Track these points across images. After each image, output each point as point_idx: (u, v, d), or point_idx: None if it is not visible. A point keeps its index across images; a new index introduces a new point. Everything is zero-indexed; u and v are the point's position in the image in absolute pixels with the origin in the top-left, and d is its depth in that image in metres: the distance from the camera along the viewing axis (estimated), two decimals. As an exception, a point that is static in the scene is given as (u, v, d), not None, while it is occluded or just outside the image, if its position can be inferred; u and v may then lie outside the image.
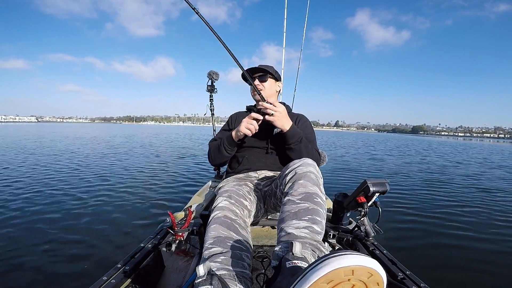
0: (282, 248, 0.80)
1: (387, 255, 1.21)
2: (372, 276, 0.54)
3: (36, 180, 4.92)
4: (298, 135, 1.22)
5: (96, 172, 5.85)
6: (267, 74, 1.39)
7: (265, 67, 1.41)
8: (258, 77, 1.40)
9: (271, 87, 1.42)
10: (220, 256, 0.81)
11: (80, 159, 7.83)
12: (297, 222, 0.85)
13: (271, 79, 1.40)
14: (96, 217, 3.08)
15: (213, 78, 2.09)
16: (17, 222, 2.87)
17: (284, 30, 3.07)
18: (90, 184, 4.65)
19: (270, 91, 1.41)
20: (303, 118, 1.46)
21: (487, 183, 5.81)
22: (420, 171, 7.10)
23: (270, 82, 1.41)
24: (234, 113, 1.58)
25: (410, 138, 58.02)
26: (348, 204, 1.37)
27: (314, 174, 0.97)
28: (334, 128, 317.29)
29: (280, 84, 1.48)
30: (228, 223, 0.93)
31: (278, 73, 1.47)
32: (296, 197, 0.91)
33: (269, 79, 1.40)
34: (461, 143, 37.63)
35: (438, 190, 4.86)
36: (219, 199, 1.03)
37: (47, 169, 6.10)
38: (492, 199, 4.39)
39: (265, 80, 1.39)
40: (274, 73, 1.42)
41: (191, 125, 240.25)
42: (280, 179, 1.07)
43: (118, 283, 0.97)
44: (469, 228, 3.03)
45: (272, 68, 1.44)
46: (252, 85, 1.38)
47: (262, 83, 1.39)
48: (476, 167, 8.41)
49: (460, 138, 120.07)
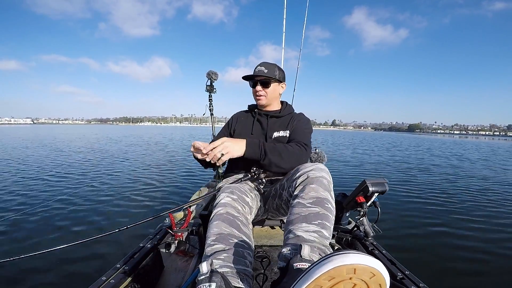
0: (290, 250, 0.79)
1: (386, 255, 1.22)
2: (375, 277, 0.54)
3: (36, 179, 4.90)
4: (258, 152, 1.11)
5: (96, 172, 5.83)
6: (270, 79, 1.34)
7: (268, 66, 1.35)
8: (261, 83, 1.34)
9: (274, 91, 1.37)
10: (222, 253, 0.81)
11: (79, 159, 7.79)
12: (307, 226, 0.85)
13: (274, 82, 1.37)
14: (95, 217, 3.07)
15: (212, 78, 2.08)
16: (17, 222, 2.86)
17: (284, 30, 3.07)
18: (89, 184, 4.63)
19: (272, 95, 1.37)
20: (298, 117, 1.41)
21: (487, 182, 5.84)
22: (420, 171, 7.13)
23: (273, 87, 1.36)
24: (235, 113, 1.55)
25: (406, 136, 58.33)
26: (347, 204, 1.38)
27: (327, 180, 0.96)
28: (331, 127, 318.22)
29: (283, 85, 1.43)
30: (230, 220, 0.92)
31: (282, 73, 1.40)
32: (307, 201, 0.90)
33: (272, 84, 1.35)
34: (458, 141, 37.92)
35: (438, 190, 4.88)
36: (222, 195, 1.02)
37: (47, 168, 6.07)
38: (492, 199, 4.41)
39: (267, 86, 1.34)
40: (277, 75, 1.36)
41: (188, 125, 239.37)
42: (289, 181, 1.05)
43: (117, 283, 0.97)
44: (469, 228, 3.05)
45: (275, 68, 1.37)
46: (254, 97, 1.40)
47: (265, 89, 1.35)
48: (475, 166, 8.46)
49: (456, 136, 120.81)
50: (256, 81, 1.35)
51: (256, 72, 1.34)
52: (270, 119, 1.39)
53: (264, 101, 1.37)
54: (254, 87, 1.36)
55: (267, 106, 1.41)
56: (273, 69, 1.35)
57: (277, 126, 1.37)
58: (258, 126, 1.40)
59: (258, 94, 1.36)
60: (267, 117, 1.39)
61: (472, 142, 35.06)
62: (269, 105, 1.41)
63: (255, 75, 1.34)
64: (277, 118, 1.40)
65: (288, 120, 1.39)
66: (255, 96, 1.39)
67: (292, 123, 1.36)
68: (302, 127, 1.35)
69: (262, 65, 1.35)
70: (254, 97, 1.41)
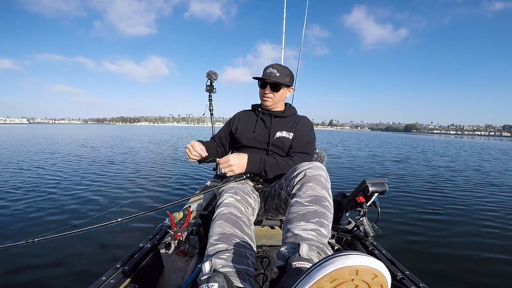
0: (288, 248, 0.80)
1: (386, 255, 1.22)
2: (377, 278, 0.54)
3: (35, 179, 4.87)
4: (257, 169, 1.16)
5: (95, 172, 5.80)
6: (281, 84, 1.33)
7: (280, 69, 1.33)
8: (270, 85, 1.33)
9: (282, 95, 1.37)
10: (225, 253, 0.81)
11: (78, 159, 7.75)
12: (305, 224, 0.85)
13: (284, 87, 1.35)
14: (95, 217, 3.05)
15: (212, 78, 2.06)
16: (16, 222, 2.84)
17: (284, 30, 3.05)
18: (89, 184, 4.61)
19: (279, 99, 1.37)
20: (303, 120, 1.41)
21: (486, 182, 5.85)
22: (419, 171, 7.15)
23: (282, 91, 1.36)
24: (238, 112, 1.54)
25: (403, 136, 58.62)
26: (347, 204, 1.38)
27: (324, 178, 0.97)
28: (328, 127, 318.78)
29: (291, 89, 1.42)
30: (233, 220, 0.92)
31: (292, 77, 1.41)
32: (305, 199, 0.91)
33: (282, 89, 1.35)
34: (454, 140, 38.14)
35: (438, 190, 4.89)
36: (225, 195, 1.02)
37: (46, 168, 6.04)
38: (492, 198, 4.43)
39: (277, 90, 1.34)
40: (288, 81, 1.35)
41: (185, 125, 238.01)
42: (287, 180, 1.06)
43: (117, 283, 0.97)
44: (469, 228, 3.05)
45: (287, 73, 1.36)
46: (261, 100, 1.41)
47: (273, 93, 1.34)
48: (474, 166, 8.49)
49: (452, 136, 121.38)
50: (265, 83, 1.34)
51: (268, 73, 1.32)
52: (274, 118, 1.38)
53: (270, 103, 1.37)
54: (263, 88, 1.35)
55: (272, 107, 1.41)
56: (285, 74, 1.34)
57: (280, 126, 1.36)
58: (262, 124, 1.38)
59: (266, 96, 1.35)
60: (270, 117, 1.38)
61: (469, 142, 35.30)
62: (275, 107, 1.41)
63: (266, 78, 1.32)
64: (281, 118, 1.39)
65: (292, 121, 1.38)
66: (262, 97, 1.37)
67: (296, 126, 1.35)
68: (306, 133, 1.35)
69: (274, 67, 1.33)
70: (260, 97, 1.39)
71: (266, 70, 1.33)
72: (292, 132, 1.34)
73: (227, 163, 1.10)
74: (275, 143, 1.32)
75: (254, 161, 1.16)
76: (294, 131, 1.34)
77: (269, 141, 1.31)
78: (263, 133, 1.35)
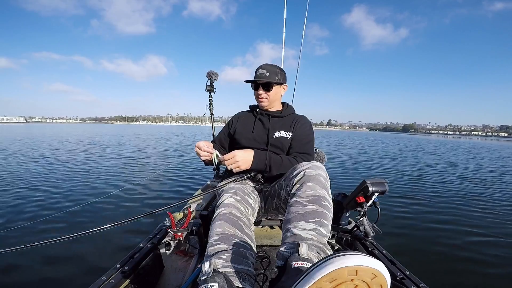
0: (288, 248, 0.80)
1: (386, 255, 1.22)
2: (376, 278, 0.54)
3: (35, 179, 4.87)
4: (262, 165, 1.17)
5: (95, 172, 5.80)
6: (272, 83, 1.34)
7: (270, 69, 1.34)
8: (262, 86, 1.35)
9: (276, 93, 1.38)
10: (225, 253, 0.81)
11: (78, 159, 7.73)
12: (304, 224, 0.85)
13: (276, 85, 1.36)
14: (95, 217, 3.05)
15: (212, 78, 2.06)
16: (16, 221, 2.83)
17: (284, 30, 3.05)
18: (89, 184, 4.61)
19: (274, 98, 1.38)
20: (301, 120, 1.41)
21: (486, 182, 5.86)
22: (419, 170, 7.15)
23: (275, 90, 1.37)
24: (236, 113, 1.55)
25: (401, 136, 58.68)
26: (347, 204, 1.38)
27: (323, 178, 0.97)
28: (326, 127, 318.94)
29: (285, 87, 1.43)
30: (233, 221, 0.93)
31: (284, 75, 1.40)
32: (304, 199, 0.91)
33: (274, 87, 1.35)
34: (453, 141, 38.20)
35: (438, 190, 4.90)
36: (225, 195, 1.02)
37: (46, 168, 6.03)
38: (492, 198, 4.42)
39: (269, 89, 1.35)
40: (279, 78, 1.36)
41: (184, 124, 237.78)
42: (287, 180, 1.06)
43: (117, 283, 0.97)
44: (469, 228, 3.05)
45: (277, 71, 1.37)
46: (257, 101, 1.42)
47: (267, 92, 1.35)
48: (474, 166, 8.51)
49: (449, 136, 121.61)
50: (258, 84, 1.35)
51: (258, 75, 1.34)
52: (272, 119, 1.38)
53: (266, 104, 1.38)
54: (256, 90, 1.37)
55: (269, 107, 1.41)
56: (275, 72, 1.35)
57: (278, 126, 1.36)
58: (260, 125, 1.39)
59: (260, 97, 1.37)
60: (268, 117, 1.39)
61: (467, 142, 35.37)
62: (271, 106, 1.41)
63: (256, 79, 1.34)
64: (279, 118, 1.39)
65: (291, 121, 1.38)
66: (257, 98, 1.39)
67: (295, 126, 1.36)
68: (305, 133, 1.35)
69: (264, 67, 1.35)
70: (256, 99, 1.41)
71: (257, 72, 1.35)
72: (290, 132, 1.34)
73: (233, 158, 1.10)
74: (274, 143, 1.32)
75: (260, 157, 1.17)
76: (292, 131, 1.34)
77: (268, 142, 1.31)
78: (261, 134, 1.35)
